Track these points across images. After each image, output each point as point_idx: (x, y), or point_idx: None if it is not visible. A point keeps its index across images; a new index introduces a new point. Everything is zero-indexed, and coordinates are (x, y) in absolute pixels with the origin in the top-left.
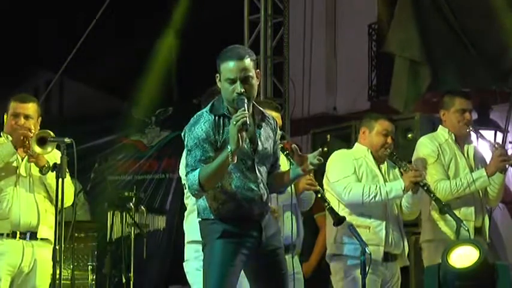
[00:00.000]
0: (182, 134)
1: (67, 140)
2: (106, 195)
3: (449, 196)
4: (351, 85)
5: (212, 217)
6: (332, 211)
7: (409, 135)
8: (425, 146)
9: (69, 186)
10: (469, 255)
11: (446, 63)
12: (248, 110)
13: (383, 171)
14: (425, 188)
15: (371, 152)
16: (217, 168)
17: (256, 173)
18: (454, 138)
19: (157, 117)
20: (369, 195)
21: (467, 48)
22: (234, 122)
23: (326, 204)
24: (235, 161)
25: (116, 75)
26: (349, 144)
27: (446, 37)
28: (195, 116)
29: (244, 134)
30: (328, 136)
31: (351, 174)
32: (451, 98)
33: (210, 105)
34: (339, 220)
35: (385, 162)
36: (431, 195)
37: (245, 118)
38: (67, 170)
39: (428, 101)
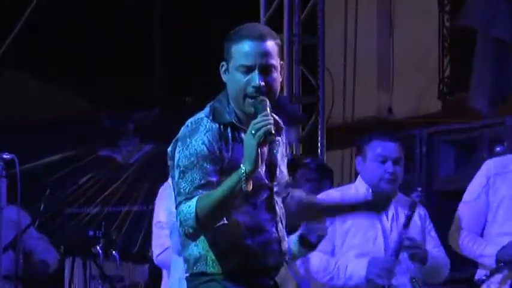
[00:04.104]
0: (169, 150)
1: (7, 156)
2: (62, 236)
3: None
4: (413, 77)
5: (209, 271)
6: None
7: (497, 149)
8: (478, 174)
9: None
10: None
11: None
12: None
13: (389, 217)
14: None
15: (372, 191)
16: (223, 198)
17: (274, 207)
18: None
19: (136, 124)
20: (325, 276)
21: None
22: (253, 132)
23: None
24: (251, 187)
25: (77, 65)
26: (411, 162)
27: None
28: (190, 123)
29: (265, 149)
30: None
31: None
32: None
33: (208, 108)
34: None
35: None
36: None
37: (270, 126)
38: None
39: None
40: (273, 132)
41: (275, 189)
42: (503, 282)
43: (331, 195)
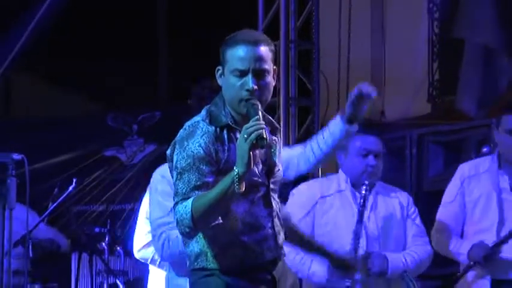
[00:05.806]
0: (168, 152)
1: (16, 156)
2: (69, 233)
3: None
4: (404, 81)
5: (210, 267)
6: None
7: (484, 150)
8: (453, 178)
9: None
10: None
11: None
12: (264, 119)
13: (368, 206)
14: None
15: (352, 183)
16: (217, 199)
17: (271, 204)
18: (497, 166)
19: (141, 125)
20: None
21: None
22: (246, 136)
23: None
24: (243, 189)
25: (84, 66)
26: (402, 162)
27: None
28: (187, 126)
29: (257, 152)
30: None
31: (302, 217)
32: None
33: (205, 111)
34: None
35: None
36: None
37: (261, 130)
38: None
39: (509, 103)
40: (265, 136)
41: (271, 186)
42: (478, 278)
43: (311, 185)
